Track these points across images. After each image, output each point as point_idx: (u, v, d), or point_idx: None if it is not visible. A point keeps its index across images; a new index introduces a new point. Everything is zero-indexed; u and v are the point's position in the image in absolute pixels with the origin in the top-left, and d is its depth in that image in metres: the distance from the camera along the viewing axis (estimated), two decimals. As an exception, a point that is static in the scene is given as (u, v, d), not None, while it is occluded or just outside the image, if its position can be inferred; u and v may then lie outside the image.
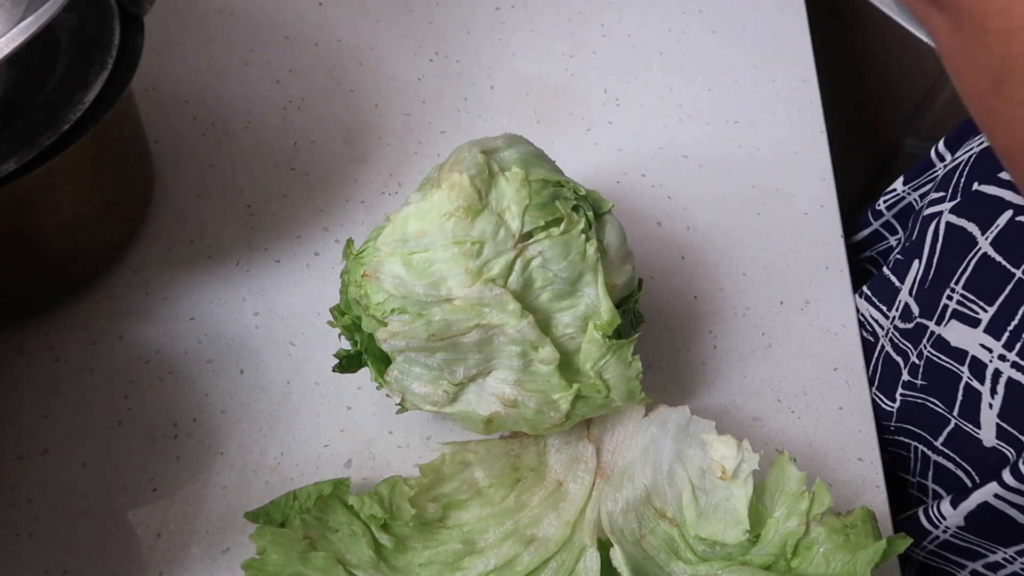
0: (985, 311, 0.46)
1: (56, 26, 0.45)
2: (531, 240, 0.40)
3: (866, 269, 0.66)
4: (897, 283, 0.54)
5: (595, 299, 0.41)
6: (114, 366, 0.49)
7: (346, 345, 0.45)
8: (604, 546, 0.42)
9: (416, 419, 0.48)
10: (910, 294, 0.53)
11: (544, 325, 0.41)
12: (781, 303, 0.55)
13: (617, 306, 0.42)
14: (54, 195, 0.45)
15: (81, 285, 0.51)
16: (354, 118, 0.61)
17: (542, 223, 0.40)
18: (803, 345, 0.53)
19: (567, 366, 0.41)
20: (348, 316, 0.43)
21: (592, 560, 0.41)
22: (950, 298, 0.49)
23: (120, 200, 0.50)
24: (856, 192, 1.05)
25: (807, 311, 0.55)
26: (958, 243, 0.50)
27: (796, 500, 0.42)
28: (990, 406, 0.46)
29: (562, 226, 0.40)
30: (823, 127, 0.64)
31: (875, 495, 0.48)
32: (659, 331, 0.53)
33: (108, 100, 0.44)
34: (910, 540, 0.42)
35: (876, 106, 0.95)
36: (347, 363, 0.44)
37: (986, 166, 0.51)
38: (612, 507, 0.43)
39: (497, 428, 0.43)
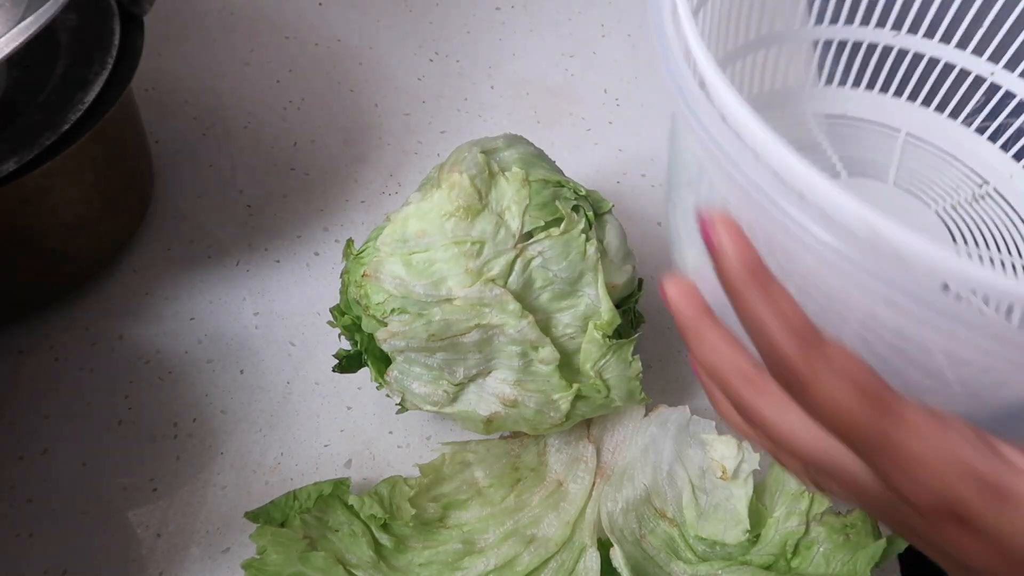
0: None
1: (56, 26, 0.45)
2: (531, 240, 0.40)
3: None
4: None
5: (595, 299, 0.41)
6: (114, 366, 0.49)
7: (346, 345, 0.45)
8: (604, 546, 0.42)
9: (416, 419, 0.48)
10: None
11: (544, 325, 0.41)
12: (781, 303, 0.55)
13: (617, 306, 0.42)
14: (54, 195, 0.45)
15: (81, 285, 0.51)
16: (354, 118, 0.61)
17: (542, 223, 0.40)
18: (803, 345, 0.53)
19: (567, 366, 0.41)
20: (348, 316, 0.43)
21: (592, 560, 0.41)
22: None
23: (120, 200, 0.50)
24: (856, 192, 1.05)
25: (807, 311, 0.55)
26: None
27: (796, 500, 0.42)
28: None
29: (562, 226, 0.40)
30: (823, 127, 0.64)
31: (875, 495, 0.48)
32: (659, 331, 0.53)
33: (108, 100, 0.44)
34: None
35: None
36: (347, 363, 0.44)
37: None
38: (612, 507, 0.43)
39: (497, 428, 0.43)
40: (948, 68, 0.40)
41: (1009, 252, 0.37)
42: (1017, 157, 0.39)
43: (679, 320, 0.25)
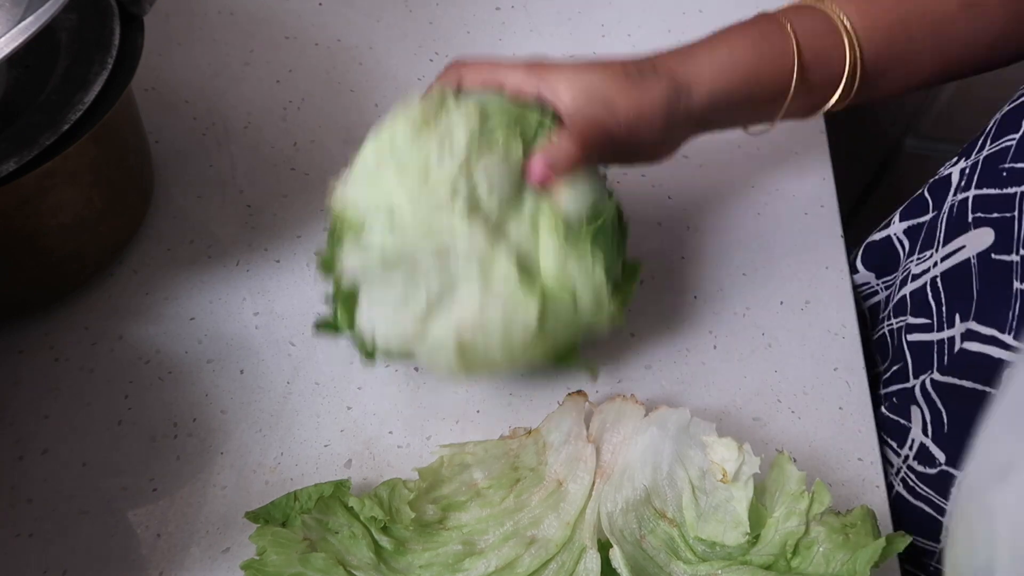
0: None
1: (56, 26, 0.45)
2: (476, 162, 0.41)
3: None
4: (903, 421, 0.51)
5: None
6: (114, 366, 0.49)
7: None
8: (604, 547, 0.42)
9: (416, 419, 0.48)
10: (924, 434, 0.50)
11: (499, 236, 0.41)
12: (781, 303, 0.55)
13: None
14: (54, 195, 0.45)
15: (81, 285, 0.51)
16: (354, 118, 0.61)
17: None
18: (803, 345, 0.53)
19: (527, 275, 0.42)
20: (328, 257, 0.44)
21: (592, 561, 0.41)
22: None
23: (120, 200, 0.50)
24: (856, 192, 1.05)
25: (807, 311, 0.55)
26: (962, 399, 0.47)
27: (796, 500, 0.42)
28: None
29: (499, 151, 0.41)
30: (823, 127, 0.64)
31: (875, 495, 0.48)
32: (659, 331, 0.53)
33: (108, 100, 0.44)
34: (909, 539, 0.41)
35: (876, 106, 0.95)
36: (326, 326, 0.45)
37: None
38: (612, 508, 0.43)
39: (471, 362, 0.42)
40: None
41: None
42: None
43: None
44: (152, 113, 0.58)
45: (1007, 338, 0.44)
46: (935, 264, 0.52)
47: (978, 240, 0.48)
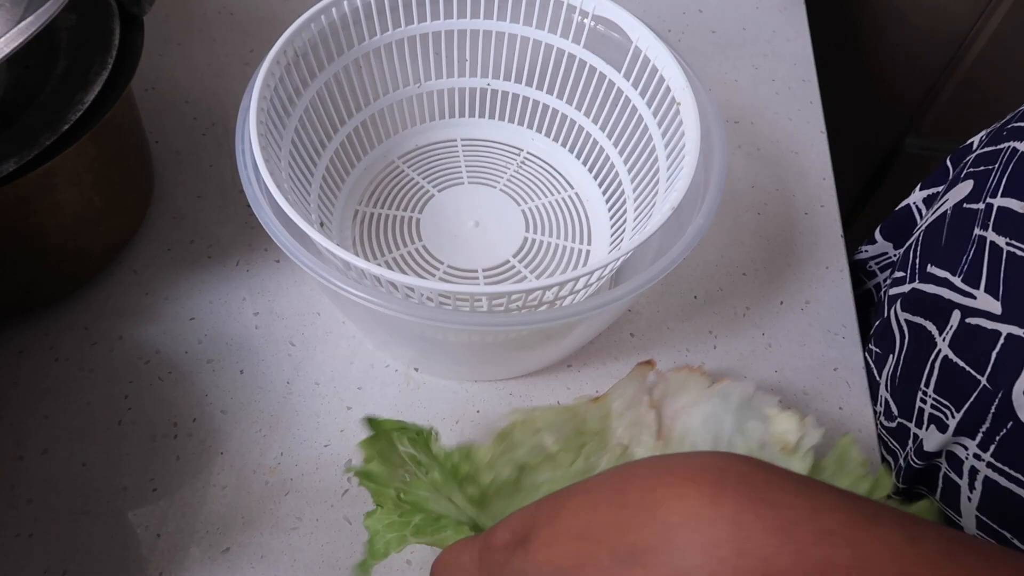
0: (953, 416, 0.45)
1: (56, 26, 0.45)
2: None
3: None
4: (876, 375, 0.53)
5: None
6: (114, 366, 0.49)
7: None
8: None
9: (416, 419, 0.48)
10: (887, 389, 0.51)
11: None
12: (781, 303, 0.55)
13: None
14: (54, 195, 0.44)
15: (81, 285, 0.51)
16: (354, 118, 0.61)
17: None
18: (803, 345, 0.53)
19: None
20: None
21: None
22: (924, 400, 0.47)
23: (120, 200, 0.50)
24: (856, 192, 1.05)
25: (807, 311, 0.55)
26: (920, 340, 0.48)
27: (856, 483, 0.42)
28: (968, 499, 0.45)
29: None
30: (823, 127, 0.64)
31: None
32: (659, 331, 0.53)
33: (108, 100, 0.44)
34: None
35: (876, 106, 0.95)
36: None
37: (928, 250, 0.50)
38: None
39: None
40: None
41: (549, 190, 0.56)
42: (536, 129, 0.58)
43: None
44: (152, 113, 0.58)
45: (956, 280, 0.45)
46: (926, 221, 0.52)
47: (959, 193, 0.49)
